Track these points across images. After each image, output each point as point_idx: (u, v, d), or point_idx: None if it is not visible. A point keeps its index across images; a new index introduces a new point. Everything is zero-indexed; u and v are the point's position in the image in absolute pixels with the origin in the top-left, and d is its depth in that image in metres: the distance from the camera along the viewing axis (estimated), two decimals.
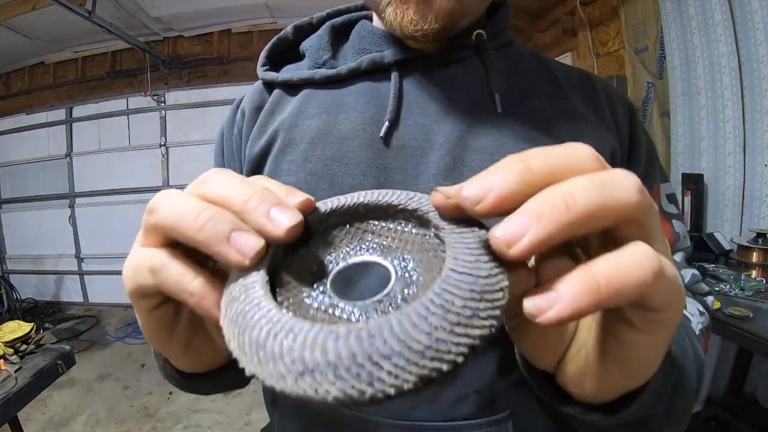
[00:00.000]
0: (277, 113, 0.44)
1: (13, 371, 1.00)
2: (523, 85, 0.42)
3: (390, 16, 0.37)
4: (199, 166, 3.90)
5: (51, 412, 2.28)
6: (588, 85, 0.45)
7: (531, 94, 0.42)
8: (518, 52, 0.46)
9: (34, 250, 4.26)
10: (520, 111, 0.40)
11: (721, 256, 1.30)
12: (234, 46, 3.97)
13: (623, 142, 0.43)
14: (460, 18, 0.38)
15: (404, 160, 0.39)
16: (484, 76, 0.41)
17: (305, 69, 0.45)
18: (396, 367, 0.14)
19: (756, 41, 1.38)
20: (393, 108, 0.39)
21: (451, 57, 0.42)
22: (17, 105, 4.18)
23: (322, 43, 0.46)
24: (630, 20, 2.08)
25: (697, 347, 0.34)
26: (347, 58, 0.44)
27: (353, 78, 0.43)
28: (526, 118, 0.40)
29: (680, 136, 1.71)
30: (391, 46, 0.42)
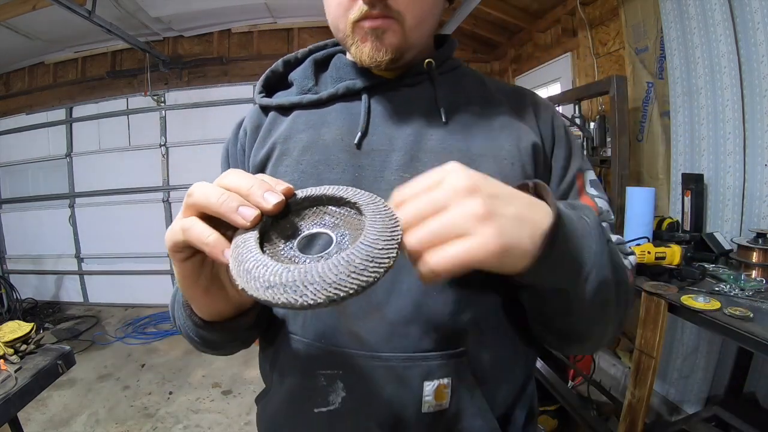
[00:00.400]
0: (274, 130, 0.56)
1: (13, 371, 1.00)
2: (463, 99, 0.54)
3: (354, 51, 0.50)
4: (199, 166, 3.92)
5: (51, 412, 2.28)
6: (517, 96, 0.58)
7: (469, 106, 0.54)
8: (462, 74, 0.58)
9: (34, 250, 4.26)
10: (459, 119, 0.52)
11: (721, 256, 1.30)
12: (234, 46, 3.97)
13: (546, 139, 0.55)
14: (406, 51, 0.50)
15: (373, 160, 0.50)
16: (432, 95, 0.53)
17: (294, 95, 0.57)
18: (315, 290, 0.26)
19: (756, 41, 1.38)
20: (364, 122, 0.52)
21: (407, 82, 0.54)
22: (17, 105, 4.18)
23: (307, 73, 0.58)
24: (630, 20, 2.08)
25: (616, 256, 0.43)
26: (327, 85, 0.57)
27: (332, 101, 0.55)
28: (464, 124, 0.52)
29: (680, 136, 1.71)
30: (361, 75, 0.54)
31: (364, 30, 0.48)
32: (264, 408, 0.57)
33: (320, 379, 0.47)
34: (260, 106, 0.60)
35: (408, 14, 0.47)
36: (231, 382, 2.61)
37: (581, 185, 0.54)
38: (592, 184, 0.55)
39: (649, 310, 1.07)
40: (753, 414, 1.31)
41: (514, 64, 3.62)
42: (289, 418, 0.51)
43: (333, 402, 0.47)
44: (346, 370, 0.47)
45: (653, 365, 1.06)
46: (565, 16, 2.76)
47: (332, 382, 0.47)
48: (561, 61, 2.86)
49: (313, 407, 0.48)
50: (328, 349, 0.47)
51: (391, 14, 0.46)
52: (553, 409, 1.96)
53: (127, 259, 4.11)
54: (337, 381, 0.47)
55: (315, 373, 0.48)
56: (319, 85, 0.57)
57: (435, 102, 0.53)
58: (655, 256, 1.15)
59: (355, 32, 0.48)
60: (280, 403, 0.52)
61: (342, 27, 0.49)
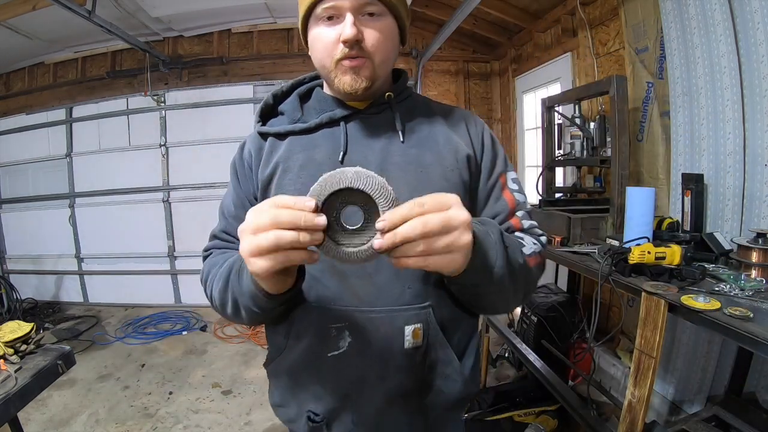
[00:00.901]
0: (275, 153, 0.71)
1: (13, 371, 1.00)
2: (415, 122, 0.73)
3: (336, 81, 0.65)
4: (199, 166, 3.92)
5: (51, 412, 2.28)
6: (455, 116, 0.76)
7: (420, 126, 0.72)
8: (414, 101, 0.76)
9: (34, 250, 4.26)
10: (413, 137, 0.71)
11: (721, 256, 1.30)
12: (234, 46, 3.97)
13: (477, 150, 0.73)
14: (376, 80, 0.66)
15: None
16: (392, 120, 0.71)
17: (286, 124, 0.73)
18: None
19: (756, 41, 1.38)
20: (344, 144, 0.69)
21: (373, 110, 0.71)
22: (17, 105, 4.19)
23: (294, 106, 0.75)
24: (630, 20, 2.08)
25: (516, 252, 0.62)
26: (311, 114, 0.73)
27: (318, 128, 0.71)
28: (416, 141, 0.70)
29: (680, 136, 1.70)
30: (339, 107, 0.71)
31: (345, 67, 0.64)
32: (279, 364, 0.73)
33: (332, 331, 0.65)
34: (259, 133, 0.75)
35: (376, 55, 0.64)
36: (231, 382, 2.61)
37: (504, 182, 0.73)
38: (514, 182, 0.74)
39: (649, 310, 1.07)
40: (753, 414, 1.31)
41: (514, 64, 3.62)
42: (308, 363, 0.68)
43: (342, 346, 0.65)
44: (350, 321, 0.64)
45: (653, 365, 1.06)
46: (565, 16, 2.76)
47: (341, 332, 0.65)
48: (561, 61, 2.86)
49: (327, 352, 0.66)
50: (336, 309, 0.65)
51: (364, 55, 0.63)
52: (553, 409, 1.96)
53: (127, 259, 4.11)
54: (345, 330, 0.65)
55: (327, 327, 0.65)
56: (305, 115, 0.74)
57: (394, 125, 0.70)
58: (655, 256, 1.15)
59: (338, 68, 0.64)
60: (298, 354, 0.68)
61: (327, 64, 0.65)
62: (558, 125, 2.15)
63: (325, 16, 0.63)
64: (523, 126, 3.59)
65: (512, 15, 3.15)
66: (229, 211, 0.76)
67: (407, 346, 0.65)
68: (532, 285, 0.68)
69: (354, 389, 0.67)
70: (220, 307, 0.68)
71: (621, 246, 1.29)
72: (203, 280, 0.74)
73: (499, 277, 0.57)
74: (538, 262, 0.67)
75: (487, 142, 0.74)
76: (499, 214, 0.71)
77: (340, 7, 0.62)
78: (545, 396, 1.96)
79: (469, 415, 2.01)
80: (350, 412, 0.68)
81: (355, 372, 0.66)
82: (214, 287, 0.68)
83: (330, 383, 0.68)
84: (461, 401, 0.73)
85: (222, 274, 0.65)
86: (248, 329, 3.38)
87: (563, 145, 2.14)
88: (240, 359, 2.91)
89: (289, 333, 0.69)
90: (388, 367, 0.65)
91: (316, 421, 0.69)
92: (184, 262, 4.05)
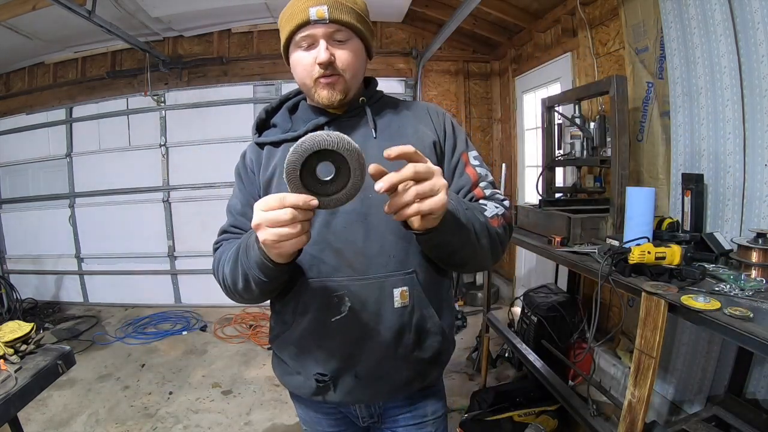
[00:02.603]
0: (272, 158, 0.84)
1: (13, 371, 1.00)
2: (386, 119, 0.86)
3: (315, 96, 0.80)
4: (199, 166, 3.92)
5: (51, 412, 2.28)
6: (420, 109, 0.90)
7: (390, 122, 0.86)
8: (384, 103, 0.89)
9: (34, 250, 4.26)
10: (385, 133, 0.84)
11: (721, 256, 1.30)
12: (234, 46, 3.97)
13: (440, 135, 0.86)
14: (349, 92, 0.81)
15: None
16: (366, 120, 0.84)
17: (279, 134, 0.86)
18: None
19: (756, 41, 1.38)
20: None
21: (349, 115, 0.85)
22: (17, 105, 4.19)
23: (285, 118, 0.89)
24: (630, 20, 2.08)
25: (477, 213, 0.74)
26: (299, 124, 0.86)
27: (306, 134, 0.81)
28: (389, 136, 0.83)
29: (680, 136, 1.70)
30: (321, 115, 0.85)
31: (322, 84, 0.78)
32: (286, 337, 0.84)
33: (334, 300, 0.77)
34: (257, 143, 0.88)
35: (347, 72, 0.79)
36: (231, 382, 2.61)
37: (466, 160, 0.86)
38: (475, 159, 0.87)
39: (649, 310, 1.07)
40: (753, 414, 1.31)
41: (514, 64, 3.62)
42: (314, 331, 0.80)
43: (343, 311, 0.77)
44: (348, 290, 0.77)
45: (653, 365, 1.06)
46: (565, 16, 2.76)
47: (341, 299, 0.77)
48: (561, 61, 2.86)
49: (330, 318, 0.77)
50: (335, 280, 0.77)
51: (337, 72, 0.78)
52: (553, 409, 1.96)
53: (127, 259, 4.11)
54: (344, 297, 0.77)
55: (329, 296, 0.77)
56: (293, 125, 0.87)
57: (369, 125, 0.84)
58: (655, 256, 1.15)
59: (316, 85, 0.78)
60: (306, 324, 0.80)
61: (307, 82, 0.79)
62: (558, 125, 2.15)
63: (303, 44, 0.77)
64: (523, 126, 3.59)
65: (512, 15, 3.15)
66: (236, 209, 0.88)
67: (396, 305, 0.78)
68: (499, 244, 0.79)
69: (355, 348, 0.80)
70: (232, 285, 0.77)
71: (621, 246, 1.29)
72: (215, 268, 0.83)
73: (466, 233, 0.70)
74: (501, 222, 0.79)
75: (449, 128, 0.88)
76: (464, 187, 0.84)
77: (314, 36, 0.76)
78: (545, 396, 1.96)
79: (469, 415, 2.01)
80: (352, 368, 0.81)
81: (355, 332, 0.79)
82: (225, 268, 0.77)
83: (334, 346, 0.80)
84: (442, 355, 0.88)
85: (231, 256, 0.76)
86: (248, 329, 3.38)
87: (563, 145, 2.14)
88: (240, 359, 2.92)
89: (297, 309, 0.81)
90: (382, 324, 0.79)
91: (324, 381, 0.81)
92: (184, 262, 4.05)
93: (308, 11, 0.75)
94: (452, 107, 4.06)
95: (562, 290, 2.47)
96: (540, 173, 2.12)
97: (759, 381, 1.41)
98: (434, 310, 0.82)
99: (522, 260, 3.64)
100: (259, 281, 0.70)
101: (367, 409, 0.89)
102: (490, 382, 2.42)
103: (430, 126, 0.86)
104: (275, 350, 0.90)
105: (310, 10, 0.75)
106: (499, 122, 4.05)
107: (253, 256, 0.68)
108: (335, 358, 0.80)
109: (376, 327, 0.78)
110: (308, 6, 0.75)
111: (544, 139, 2.19)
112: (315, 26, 0.75)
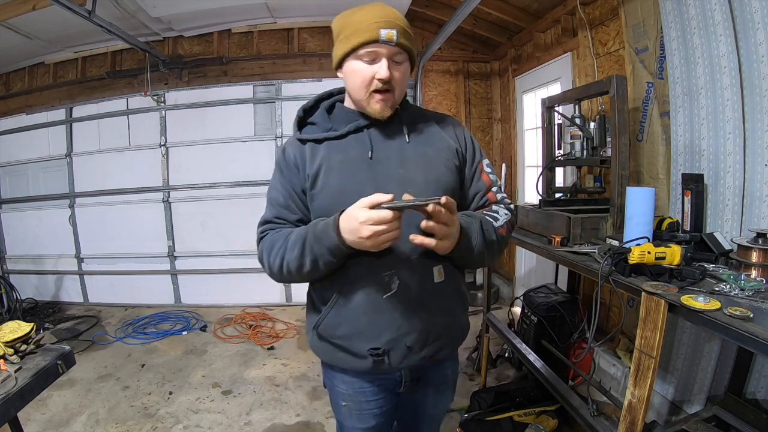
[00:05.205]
0: (317, 154, 0.95)
1: (13, 371, 1.00)
2: (416, 126, 0.99)
3: (367, 107, 0.92)
4: (199, 166, 3.92)
5: (51, 412, 2.28)
6: (444, 119, 1.04)
7: (418, 128, 0.99)
8: (413, 111, 1.03)
9: (34, 250, 4.26)
10: (416, 137, 0.98)
11: (721, 256, 1.29)
12: (234, 46, 3.97)
13: (461, 144, 1.01)
14: (395, 105, 0.94)
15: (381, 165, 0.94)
16: (401, 126, 0.97)
17: (321, 132, 0.97)
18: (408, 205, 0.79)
19: (756, 41, 1.38)
20: (369, 146, 0.94)
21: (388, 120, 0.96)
22: (17, 105, 4.19)
23: (324, 118, 1.00)
24: (630, 20, 2.08)
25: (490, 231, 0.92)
26: (339, 124, 0.97)
27: (348, 135, 0.96)
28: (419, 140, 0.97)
29: (680, 136, 1.70)
30: (361, 118, 0.96)
31: (377, 98, 0.90)
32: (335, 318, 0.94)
33: (384, 278, 0.89)
34: (299, 140, 0.98)
35: (397, 89, 0.92)
36: (231, 382, 2.61)
37: (481, 168, 1.02)
38: (488, 166, 1.03)
39: (649, 310, 1.07)
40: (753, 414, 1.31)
41: (514, 64, 3.62)
42: (367, 306, 0.91)
43: (393, 288, 0.88)
44: (398, 269, 0.89)
45: (653, 365, 1.05)
46: (565, 16, 2.76)
47: (391, 277, 0.89)
48: (561, 61, 2.86)
49: (382, 295, 0.89)
50: (388, 258, 0.88)
51: (390, 88, 0.90)
52: (553, 409, 1.96)
53: (127, 259, 4.11)
54: (394, 276, 0.89)
55: (381, 274, 0.89)
56: (333, 124, 0.98)
57: (402, 129, 0.97)
58: (655, 256, 1.15)
59: (371, 97, 0.91)
60: (359, 298, 0.91)
61: (362, 92, 0.90)
62: (558, 125, 2.15)
63: (365, 57, 0.88)
64: (523, 126, 3.59)
65: (512, 15, 3.15)
66: (278, 202, 0.97)
67: (436, 280, 0.93)
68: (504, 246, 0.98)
69: (404, 320, 0.91)
70: (295, 268, 0.88)
71: (621, 246, 1.29)
72: (264, 252, 0.93)
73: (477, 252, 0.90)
74: (508, 228, 0.97)
75: (468, 139, 1.03)
76: (480, 191, 1.01)
77: (379, 53, 0.88)
78: (545, 396, 1.96)
79: (469, 415, 2.02)
80: (402, 339, 0.92)
81: (404, 306, 0.91)
82: (287, 254, 0.88)
83: (385, 320, 0.91)
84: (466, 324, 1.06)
85: (296, 244, 0.87)
86: (248, 329, 3.38)
87: (563, 145, 2.13)
88: (240, 359, 2.92)
89: (344, 283, 0.92)
90: (426, 298, 0.92)
91: (379, 354, 0.91)
92: (184, 262, 4.05)
93: (379, 32, 0.85)
94: (452, 107, 4.05)
95: (562, 290, 2.47)
96: (540, 173, 2.11)
97: (759, 381, 1.41)
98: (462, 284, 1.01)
99: (522, 260, 3.64)
100: (329, 262, 0.86)
101: (411, 373, 1.00)
102: (490, 382, 2.42)
103: (452, 135, 1.01)
104: (321, 334, 0.97)
105: (381, 31, 0.85)
106: (499, 122, 4.05)
107: (327, 243, 0.82)
108: (388, 331, 0.91)
109: (421, 301, 0.91)
110: (379, 27, 0.85)
111: (544, 139, 2.19)
112: (382, 46, 0.86)
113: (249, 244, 3.97)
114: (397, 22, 0.87)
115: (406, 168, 0.92)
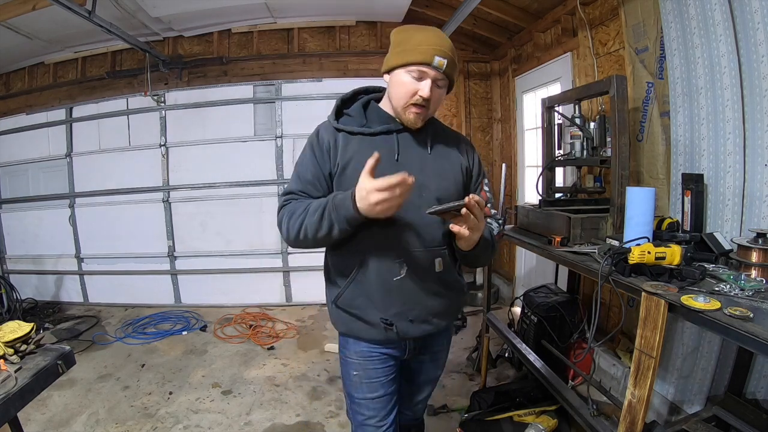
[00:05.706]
0: (350, 145, 1.07)
1: (13, 371, 1.00)
2: (437, 140, 1.13)
3: (403, 116, 1.06)
4: (198, 166, 3.92)
5: (51, 412, 2.27)
6: (458, 138, 1.21)
7: (439, 143, 1.13)
8: (436, 126, 1.16)
9: (34, 250, 4.26)
10: (436, 149, 1.12)
11: (721, 256, 1.30)
12: (234, 46, 3.97)
13: (471, 163, 1.18)
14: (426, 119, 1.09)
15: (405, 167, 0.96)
16: (425, 137, 1.12)
17: (355, 126, 1.09)
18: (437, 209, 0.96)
19: (756, 41, 1.38)
20: (396, 148, 1.08)
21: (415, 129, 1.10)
22: (17, 105, 4.19)
23: (360, 113, 1.11)
24: (630, 20, 2.08)
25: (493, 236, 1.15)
26: (373, 122, 1.10)
27: (379, 134, 1.08)
28: (439, 152, 1.13)
29: (680, 136, 1.70)
30: (392, 122, 1.10)
31: (412, 110, 1.04)
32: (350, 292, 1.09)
33: (395, 265, 1.05)
34: (335, 128, 1.09)
35: (432, 107, 1.06)
36: (231, 382, 2.61)
37: (482, 185, 1.20)
38: (486, 184, 1.21)
39: (649, 310, 1.07)
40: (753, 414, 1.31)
41: (514, 64, 3.62)
42: (379, 285, 1.07)
43: (401, 273, 1.06)
44: (406, 257, 1.06)
45: (653, 365, 1.05)
46: (565, 16, 2.76)
47: (402, 264, 1.05)
48: (561, 61, 2.86)
49: (392, 277, 1.06)
50: (399, 249, 1.05)
51: (426, 106, 1.04)
52: (553, 409, 1.96)
53: (127, 259, 4.11)
54: (403, 262, 1.06)
55: (393, 260, 1.05)
56: (368, 122, 1.10)
57: (425, 141, 1.11)
58: (655, 256, 1.15)
59: (408, 108, 1.04)
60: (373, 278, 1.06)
61: (403, 101, 1.03)
62: (558, 125, 2.15)
63: (414, 73, 1.00)
64: (523, 126, 3.59)
65: (512, 15, 3.15)
66: (306, 178, 1.08)
67: (437, 270, 1.09)
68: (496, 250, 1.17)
69: (408, 300, 1.08)
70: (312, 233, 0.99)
71: (621, 246, 1.29)
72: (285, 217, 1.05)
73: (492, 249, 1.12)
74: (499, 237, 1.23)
75: (476, 160, 1.20)
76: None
77: (426, 74, 1.00)
78: (545, 396, 1.96)
79: (469, 415, 2.02)
80: (406, 314, 1.09)
81: (409, 288, 1.07)
82: (307, 218, 1.00)
83: (392, 299, 1.08)
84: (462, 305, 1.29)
85: (315, 211, 0.99)
86: (248, 329, 3.38)
87: (563, 145, 2.13)
88: (240, 359, 2.92)
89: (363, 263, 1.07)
90: (428, 283, 1.09)
91: (389, 323, 1.08)
92: (184, 262, 4.05)
93: (434, 58, 0.98)
94: (452, 107, 4.06)
95: (562, 290, 2.47)
96: (540, 173, 2.11)
97: (759, 381, 1.41)
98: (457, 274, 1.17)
99: (522, 260, 3.64)
100: (344, 230, 0.97)
101: (415, 342, 1.17)
102: (490, 382, 2.42)
103: (465, 154, 1.17)
104: (340, 306, 1.12)
105: (435, 58, 0.98)
106: (499, 122, 4.05)
107: (344, 213, 0.94)
108: (394, 306, 1.08)
109: (424, 286, 1.09)
110: (435, 54, 0.98)
111: (544, 139, 2.19)
112: (432, 69, 0.99)
113: (249, 244, 4.02)
114: (449, 53, 1.00)
115: (424, 175, 1.04)
